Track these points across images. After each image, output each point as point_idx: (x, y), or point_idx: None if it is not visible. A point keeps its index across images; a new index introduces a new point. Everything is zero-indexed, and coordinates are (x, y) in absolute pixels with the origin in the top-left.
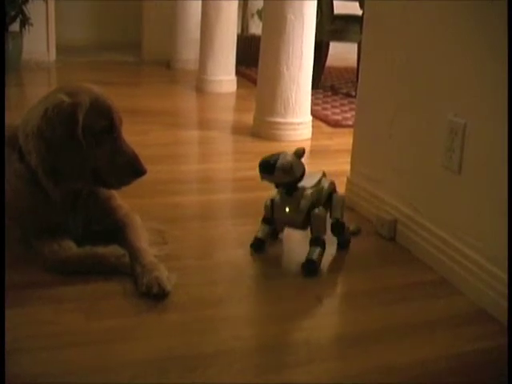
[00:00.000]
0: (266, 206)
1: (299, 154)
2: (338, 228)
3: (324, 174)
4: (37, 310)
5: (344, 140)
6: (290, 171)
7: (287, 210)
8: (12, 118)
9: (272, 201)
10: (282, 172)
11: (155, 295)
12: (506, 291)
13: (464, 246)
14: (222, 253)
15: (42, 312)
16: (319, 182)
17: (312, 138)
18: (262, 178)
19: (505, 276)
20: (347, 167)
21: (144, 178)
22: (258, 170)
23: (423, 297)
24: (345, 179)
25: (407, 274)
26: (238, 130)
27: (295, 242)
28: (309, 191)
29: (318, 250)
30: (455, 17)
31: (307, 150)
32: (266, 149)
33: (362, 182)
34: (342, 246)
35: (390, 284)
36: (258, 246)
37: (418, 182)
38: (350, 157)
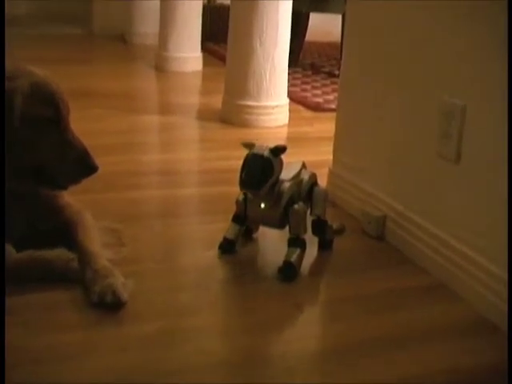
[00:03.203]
0: (237, 202)
1: (277, 152)
2: (320, 226)
3: (304, 165)
4: None
5: (326, 126)
6: (276, 182)
7: (262, 205)
8: None
9: (245, 196)
10: (270, 187)
11: (109, 305)
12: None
13: (463, 246)
14: (188, 255)
15: None
16: (298, 173)
17: (289, 124)
18: (247, 192)
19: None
20: (329, 157)
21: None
22: (238, 182)
23: (416, 304)
24: (327, 170)
25: (398, 278)
26: (204, 114)
27: (271, 242)
28: (287, 184)
29: (297, 251)
30: None
31: (283, 137)
32: (237, 136)
33: (345, 174)
34: (324, 246)
35: (378, 289)
36: (226, 247)
37: (409, 173)
38: (332, 145)
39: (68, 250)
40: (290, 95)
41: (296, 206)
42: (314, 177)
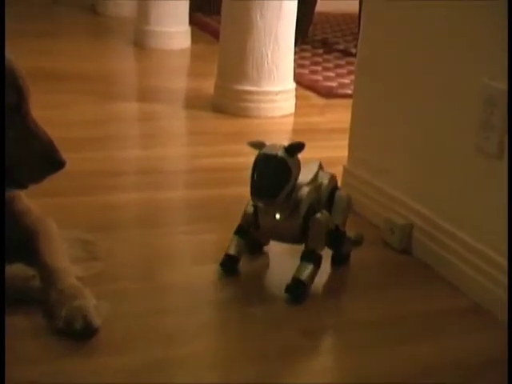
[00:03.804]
0: (246, 214)
1: (293, 151)
2: (337, 238)
3: (321, 166)
4: None
5: (340, 115)
6: (293, 188)
7: (278, 216)
8: None
9: (255, 206)
10: (287, 194)
11: (78, 333)
12: None
13: (507, 261)
14: (173, 271)
15: None
16: (316, 176)
17: (296, 114)
18: (261, 202)
19: None
20: (344, 153)
21: (62, 170)
22: (250, 192)
23: (450, 331)
24: (341, 169)
25: (427, 299)
26: (193, 102)
27: (282, 256)
28: (305, 189)
29: (310, 267)
30: None
31: (289, 129)
32: (233, 128)
33: (363, 173)
34: (339, 261)
35: (402, 313)
36: (228, 265)
37: (441, 172)
38: (347, 139)
39: (28, 265)
40: (297, 78)
41: (319, 216)
42: (334, 180)
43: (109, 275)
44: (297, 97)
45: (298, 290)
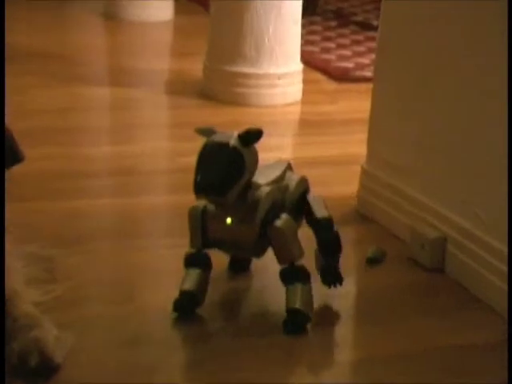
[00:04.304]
0: (192, 217)
1: (248, 139)
2: (333, 244)
3: (290, 166)
4: None
5: (357, 103)
6: (248, 186)
7: (228, 220)
8: None
9: (203, 209)
10: (239, 192)
11: (34, 371)
12: None
13: None
14: (154, 294)
15: None
16: (281, 177)
17: (303, 101)
18: (206, 199)
19: None
20: (362, 150)
21: (19, 170)
22: (193, 187)
23: (490, 370)
24: (358, 169)
25: (463, 329)
26: (177, 87)
27: (274, 276)
28: (265, 189)
29: (297, 289)
30: None
31: (294, 119)
32: (225, 118)
33: (386, 174)
34: (331, 278)
35: (432, 346)
36: (185, 306)
37: (481, 174)
38: (366, 132)
39: None
40: (305, 58)
41: (278, 222)
42: (304, 183)
43: (74, 299)
44: (304, 81)
45: (297, 321)
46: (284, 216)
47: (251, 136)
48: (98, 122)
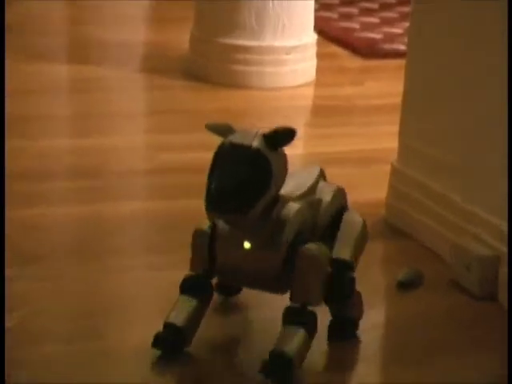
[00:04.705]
0: (198, 242)
1: (277, 141)
2: (341, 288)
3: (322, 174)
4: None
5: (386, 85)
6: (275, 200)
7: (247, 245)
8: None
9: (213, 227)
10: (264, 208)
11: None
12: None
13: None
14: (124, 328)
15: None
16: (313, 187)
17: (318, 82)
18: (221, 218)
19: None
20: (392, 144)
21: None
22: (205, 202)
23: None
24: (387, 169)
25: None
26: (157, 63)
27: (263, 312)
28: (294, 206)
29: (299, 334)
30: None
31: (306, 105)
32: (218, 105)
33: (422, 175)
34: (340, 331)
35: None
36: (170, 342)
37: None
38: (397, 123)
39: None
40: (320, 27)
41: (311, 247)
42: (341, 196)
43: (29, 333)
44: (320, 56)
45: (280, 369)
46: (319, 243)
47: (280, 137)
48: (57, 108)
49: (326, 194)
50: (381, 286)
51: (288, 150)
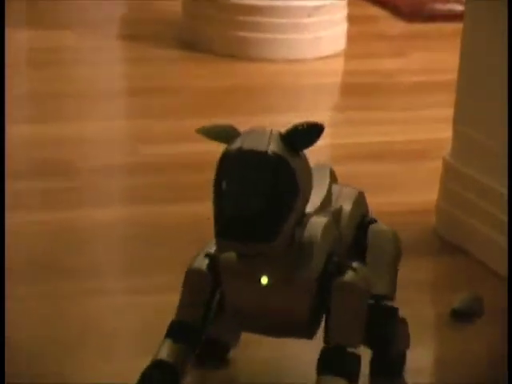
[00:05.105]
0: (193, 283)
1: (300, 142)
2: (384, 331)
3: (333, 173)
4: None
5: (437, 57)
6: (300, 220)
7: (264, 280)
8: None
9: (213, 259)
10: (291, 229)
11: None
12: None
13: None
14: (98, 365)
15: None
16: (329, 194)
17: (349, 53)
18: (240, 251)
19: None
20: (445, 134)
21: None
22: (216, 228)
23: None
24: (438, 165)
25: None
26: (140, 28)
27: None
28: (319, 224)
29: None
30: None
31: (334, 83)
32: (220, 82)
33: (483, 174)
34: (385, 369)
35: None
36: (159, 381)
37: None
38: (452, 105)
39: None
40: None
41: (350, 277)
42: (362, 201)
43: None
44: (351, 19)
45: None
46: (357, 265)
47: (303, 136)
48: (14, 85)
49: (345, 201)
50: (430, 316)
51: None
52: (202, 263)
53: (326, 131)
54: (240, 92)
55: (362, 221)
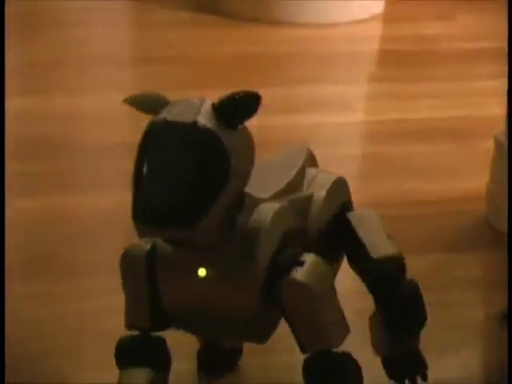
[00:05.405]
0: (129, 269)
1: (232, 113)
2: (392, 304)
3: (312, 157)
4: None
5: (488, 20)
6: (239, 202)
7: (202, 272)
8: None
9: (150, 252)
10: (221, 216)
11: None
12: None
13: None
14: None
15: None
16: (298, 179)
17: (386, 18)
18: (155, 233)
19: None
20: (497, 109)
21: None
22: (132, 210)
23: None
24: (488, 146)
25: None
26: None
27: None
28: (269, 210)
29: None
30: None
31: (371, 50)
32: (241, 48)
33: None
34: (396, 368)
35: None
36: None
37: None
38: (506, 76)
39: None
40: None
41: (298, 271)
42: (342, 188)
43: None
44: None
45: None
46: (309, 258)
47: (238, 107)
48: (8, 53)
49: (318, 187)
50: (475, 317)
51: (338, 117)
52: (142, 245)
53: (360, 105)
54: (263, 61)
55: (342, 210)
